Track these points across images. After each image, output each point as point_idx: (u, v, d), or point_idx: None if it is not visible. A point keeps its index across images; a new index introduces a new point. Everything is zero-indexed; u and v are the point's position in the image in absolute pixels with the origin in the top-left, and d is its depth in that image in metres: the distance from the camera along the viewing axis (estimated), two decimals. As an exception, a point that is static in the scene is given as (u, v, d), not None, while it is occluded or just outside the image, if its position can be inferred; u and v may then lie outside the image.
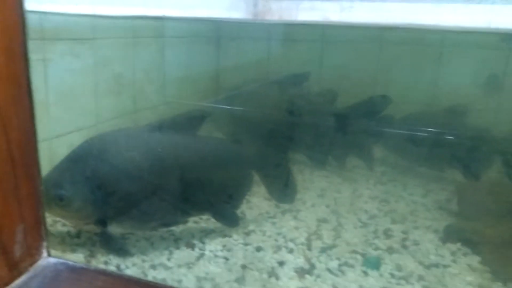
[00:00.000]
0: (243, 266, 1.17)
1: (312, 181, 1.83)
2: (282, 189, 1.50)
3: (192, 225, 1.37)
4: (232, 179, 1.40)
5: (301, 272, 1.15)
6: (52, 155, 1.33)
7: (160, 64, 1.99)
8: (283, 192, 1.50)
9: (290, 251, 1.26)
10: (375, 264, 1.19)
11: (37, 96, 0.81)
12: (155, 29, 1.95)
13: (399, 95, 1.98)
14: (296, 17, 2.11)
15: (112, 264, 1.14)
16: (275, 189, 1.49)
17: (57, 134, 1.43)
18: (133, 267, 1.14)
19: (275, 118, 1.93)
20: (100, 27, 1.56)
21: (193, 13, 1.93)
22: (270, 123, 1.93)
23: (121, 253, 1.18)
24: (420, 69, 2.22)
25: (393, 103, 1.87)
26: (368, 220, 1.48)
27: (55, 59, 1.39)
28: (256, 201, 1.56)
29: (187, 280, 1.09)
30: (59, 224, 1.29)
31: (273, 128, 1.90)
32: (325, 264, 1.20)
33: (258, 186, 1.47)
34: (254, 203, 1.55)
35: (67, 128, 1.47)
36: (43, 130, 1.29)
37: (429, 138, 1.90)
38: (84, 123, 1.55)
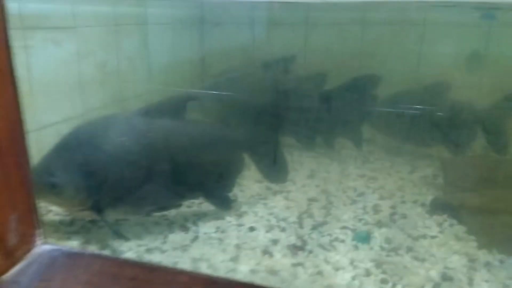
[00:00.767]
0: (237, 246, 1.20)
1: (301, 163, 1.86)
2: (273, 169, 1.52)
3: (186, 209, 1.38)
4: (223, 163, 1.41)
5: (294, 249, 1.18)
6: (41, 145, 1.32)
7: (144, 52, 1.97)
8: (275, 172, 1.52)
9: (283, 229, 1.28)
10: (365, 238, 1.23)
11: (21, 86, 0.81)
12: (137, 16, 1.93)
13: (385, 74, 2.00)
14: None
15: (107, 249, 1.15)
16: (267, 170, 1.51)
17: (44, 124, 1.41)
18: (129, 251, 1.15)
19: (263, 101, 1.94)
20: (81, 15, 1.54)
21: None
22: (259, 106, 1.94)
23: (118, 238, 1.19)
24: (404, 48, 2.25)
25: (382, 83, 1.90)
26: (357, 197, 1.51)
27: (37, 48, 1.37)
28: (248, 184, 1.58)
29: (182, 262, 1.11)
30: (53, 213, 1.30)
31: (261, 111, 1.91)
32: (317, 240, 1.23)
33: (249, 169, 1.49)
34: (245, 186, 1.57)
35: (53, 118, 1.46)
36: (30, 120, 1.28)
37: (415, 116, 1.94)
38: (71, 113, 1.54)
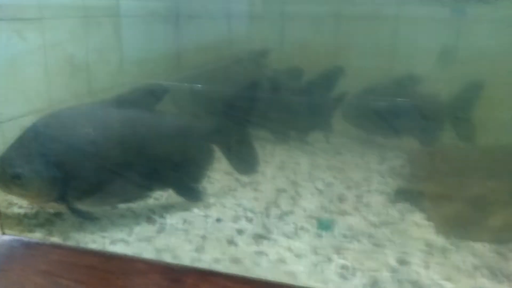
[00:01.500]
0: (203, 237, 1.21)
1: (273, 155, 1.88)
2: (243, 161, 1.53)
3: (153, 201, 1.39)
4: (192, 154, 1.42)
5: (259, 238, 1.20)
6: (5, 138, 1.30)
7: (116, 44, 1.96)
8: (244, 164, 1.53)
9: (249, 220, 1.30)
10: (328, 226, 1.26)
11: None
12: (108, 8, 1.91)
13: (358, 68, 2.03)
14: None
15: (71, 241, 1.15)
16: (236, 161, 1.52)
17: (8, 117, 1.40)
18: (93, 243, 1.15)
19: (235, 94, 1.95)
20: (47, 6, 1.52)
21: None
22: (230, 99, 1.95)
23: (90, 220, 1.20)
24: (377, 42, 2.28)
25: (354, 76, 1.93)
26: (324, 187, 1.54)
27: (1, 39, 1.35)
28: (217, 176, 1.60)
29: (147, 253, 1.12)
30: (17, 206, 1.29)
31: (233, 103, 1.92)
32: (282, 229, 1.25)
33: (219, 162, 1.50)
34: (215, 178, 1.58)
35: (19, 111, 1.44)
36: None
37: (385, 108, 1.98)
38: (37, 106, 1.52)
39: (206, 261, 1.10)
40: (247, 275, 0.98)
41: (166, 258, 1.10)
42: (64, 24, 1.63)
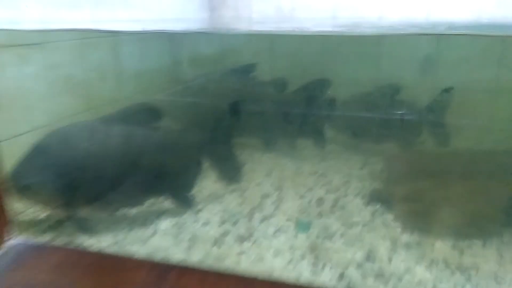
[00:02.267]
0: (190, 240, 1.34)
1: (260, 163, 2.00)
2: (228, 170, 1.68)
3: (147, 208, 1.52)
4: (183, 165, 1.57)
5: (241, 240, 1.33)
6: (13, 153, 1.44)
7: (114, 61, 2.10)
8: (229, 173, 1.68)
9: (234, 223, 1.43)
10: (305, 227, 1.38)
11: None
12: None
13: (344, 78, 2.17)
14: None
15: (73, 244, 1.28)
16: (222, 171, 1.67)
17: (13, 134, 1.53)
18: (91, 247, 1.28)
19: (224, 107, 2.08)
20: (48, 31, 1.66)
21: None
22: (220, 111, 2.08)
23: (88, 232, 1.34)
24: (362, 59, 2.41)
25: (340, 87, 2.07)
26: (305, 192, 1.66)
27: (5, 64, 1.49)
28: (206, 184, 1.72)
29: (138, 254, 1.25)
30: (27, 213, 1.42)
31: (222, 115, 2.05)
32: (263, 231, 1.38)
33: (208, 171, 1.63)
34: (203, 186, 1.71)
35: (23, 128, 1.58)
36: (1, 132, 1.41)
37: (369, 116, 2.11)
38: (41, 122, 1.65)
39: (192, 261, 1.23)
40: (229, 271, 1.10)
41: (157, 258, 1.23)
42: (63, 47, 1.76)
